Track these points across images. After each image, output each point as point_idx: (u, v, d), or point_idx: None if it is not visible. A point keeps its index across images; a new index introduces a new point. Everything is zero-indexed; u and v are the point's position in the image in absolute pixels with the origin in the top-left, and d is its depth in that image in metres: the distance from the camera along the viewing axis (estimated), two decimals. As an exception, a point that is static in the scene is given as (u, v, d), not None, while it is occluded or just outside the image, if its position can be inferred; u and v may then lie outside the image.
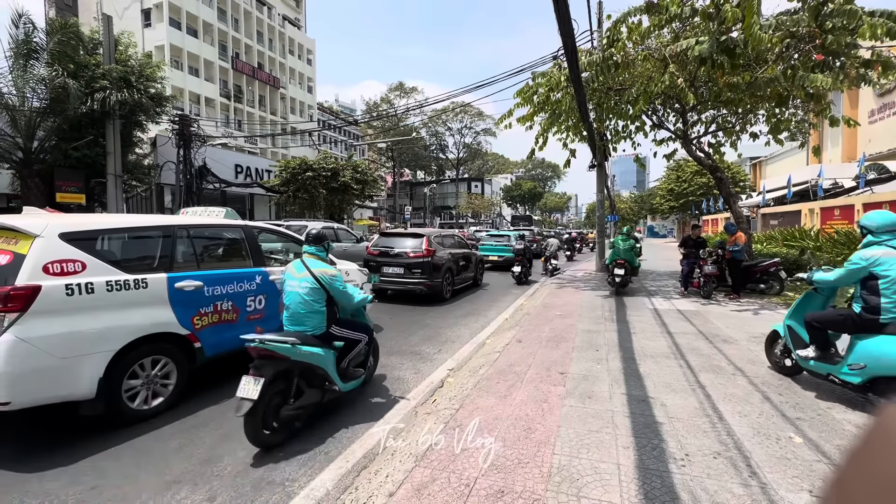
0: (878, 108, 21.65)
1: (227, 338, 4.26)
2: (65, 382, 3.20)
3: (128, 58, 15.78)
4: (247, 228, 4.96)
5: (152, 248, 4.00)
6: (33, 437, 3.43)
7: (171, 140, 19.90)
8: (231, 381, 3.94)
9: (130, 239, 4.00)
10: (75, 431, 3.45)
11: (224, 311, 4.30)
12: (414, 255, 9.18)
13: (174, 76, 29.96)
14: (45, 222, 3.37)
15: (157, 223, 4.23)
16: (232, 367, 4.45)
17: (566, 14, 6.12)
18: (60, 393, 3.20)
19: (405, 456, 2.96)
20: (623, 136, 12.40)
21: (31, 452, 3.19)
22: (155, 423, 3.58)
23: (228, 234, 4.91)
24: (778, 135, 10.51)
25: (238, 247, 4.83)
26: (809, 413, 3.53)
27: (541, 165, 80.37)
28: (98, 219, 4.08)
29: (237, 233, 4.87)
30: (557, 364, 4.83)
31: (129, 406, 3.56)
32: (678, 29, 9.38)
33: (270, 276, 4.82)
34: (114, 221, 3.97)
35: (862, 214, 14.03)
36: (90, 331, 3.32)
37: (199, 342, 4.06)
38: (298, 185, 22.45)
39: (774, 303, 8.58)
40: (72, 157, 15.20)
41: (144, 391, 3.67)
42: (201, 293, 4.10)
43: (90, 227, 3.62)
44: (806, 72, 7.57)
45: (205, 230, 4.67)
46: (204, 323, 4.11)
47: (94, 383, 3.31)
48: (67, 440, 3.34)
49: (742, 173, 35.73)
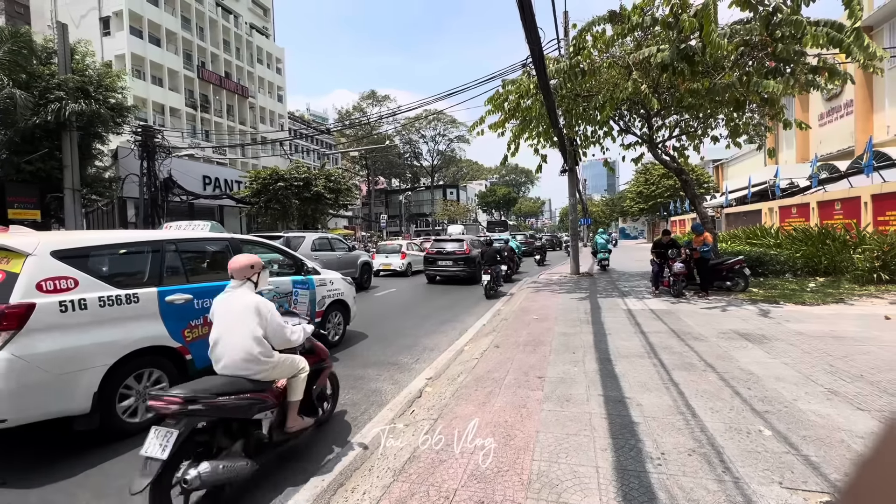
0: (827, 111, 22.99)
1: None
2: (61, 398, 3.22)
3: (85, 67, 15.18)
4: (233, 241, 5.02)
5: (142, 262, 4.04)
6: (31, 453, 3.42)
7: (134, 152, 19.18)
8: None
9: (120, 254, 4.00)
10: (72, 446, 3.43)
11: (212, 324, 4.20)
12: (459, 252, 13.98)
13: (136, 86, 28.96)
14: (37, 240, 3.39)
15: (145, 238, 4.25)
16: None
17: (532, 23, 6.24)
18: (57, 409, 3.22)
19: (383, 471, 2.89)
20: (592, 141, 12.70)
21: (30, 468, 3.19)
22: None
23: (215, 247, 4.93)
24: (737, 138, 11.00)
25: (225, 259, 4.70)
26: (777, 406, 3.65)
27: (514, 171, 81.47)
28: (88, 235, 4.05)
29: (223, 245, 4.91)
30: (535, 368, 4.85)
31: (122, 420, 3.56)
32: (640, 38, 9.72)
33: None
34: (104, 238, 3.94)
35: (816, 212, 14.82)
36: (84, 346, 3.34)
37: (190, 354, 4.09)
38: (270, 196, 22.02)
39: (741, 299, 8.91)
40: (25, 171, 14.45)
41: (136, 404, 3.66)
42: (191, 306, 4.15)
43: (81, 244, 3.63)
44: (760, 78, 7.96)
45: (192, 244, 4.75)
46: (194, 335, 4.13)
47: (90, 398, 3.32)
48: (64, 455, 3.33)
49: (706, 175, 37.24)
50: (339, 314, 6.53)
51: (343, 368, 5.41)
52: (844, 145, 21.08)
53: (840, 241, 11.20)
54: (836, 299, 8.39)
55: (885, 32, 18.92)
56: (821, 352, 5.13)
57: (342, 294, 6.50)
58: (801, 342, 5.58)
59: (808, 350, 5.22)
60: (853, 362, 4.70)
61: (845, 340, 5.59)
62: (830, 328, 6.26)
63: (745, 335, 6.03)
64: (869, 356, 4.90)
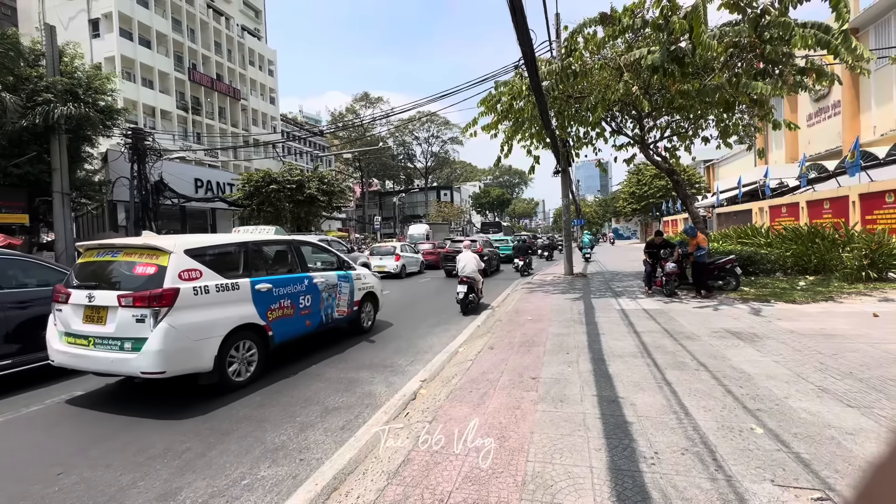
0: (815, 112, 23.30)
1: (288, 329, 5.53)
2: (196, 358, 4.34)
3: (74, 69, 15.01)
4: (293, 242, 6.27)
5: (238, 259, 5.15)
6: (174, 397, 4.62)
7: (124, 155, 18.98)
8: (291, 363, 5.70)
9: (224, 252, 5.05)
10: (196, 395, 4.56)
11: (285, 307, 5.46)
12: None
13: (126, 88, 28.71)
14: (175, 242, 4.52)
15: (238, 240, 5.33)
16: (291, 354, 6.01)
17: (524, 25, 6.27)
18: (193, 366, 4.35)
19: (377, 474, 2.87)
20: (584, 142, 12.78)
21: (175, 407, 4.36)
22: (245, 392, 4.70)
23: (282, 247, 6.06)
24: (727, 138, 11.11)
25: (289, 257, 6.00)
26: (768, 403, 3.68)
27: (508, 172, 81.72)
28: (205, 237, 5.08)
29: (287, 245, 6.10)
30: (529, 369, 4.85)
31: (230, 378, 4.66)
32: (631, 39, 9.80)
33: (314, 280, 6.04)
34: (213, 239, 5.08)
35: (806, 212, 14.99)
36: (209, 321, 4.46)
37: (272, 331, 5.20)
38: (262, 199, 21.90)
39: (732, 298, 8.99)
40: (12, 174, 14.24)
41: (239, 367, 4.78)
42: (271, 293, 5.24)
43: (202, 244, 4.78)
44: (749, 79, 8.05)
45: (267, 244, 5.87)
46: (274, 316, 5.26)
47: (212, 359, 4.44)
48: (194, 401, 4.44)
49: (697, 175, 37.56)
50: (370, 304, 7.59)
51: (336, 371, 5.39)
52: (832, 145, 21.38)
53: (829, 239, 11.35)
54: (825, 297, 8.49)
55: (871, 34, 19.23)
56: (811, 350, 5.19)
57: (372, 287, 7.56)
58: (792, 340, 5.64)
59: (799, 348, 5.27)
60: (843, 360, 4.75)
61: (835, 338, 5.66)
62: (820, 326, 6.33)
63: (736, 334, 6.08)
64: (858, 353, 4.96)
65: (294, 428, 3.79)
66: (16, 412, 4.35)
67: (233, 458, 3.27)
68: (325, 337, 6.93)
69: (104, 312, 4.24)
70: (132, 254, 4.54)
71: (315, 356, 6.06)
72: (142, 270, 4.36)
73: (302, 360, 5.84)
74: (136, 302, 4.11)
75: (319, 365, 5.65)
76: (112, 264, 4.60)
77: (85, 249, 4.82)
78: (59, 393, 4.85)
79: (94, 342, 4.23)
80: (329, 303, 6.30)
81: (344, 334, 7.16)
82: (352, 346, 6.61)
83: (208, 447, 3.48)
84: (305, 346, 6.39)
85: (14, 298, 5.15)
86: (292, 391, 4.72)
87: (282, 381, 5.07)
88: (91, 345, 4.24)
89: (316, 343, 6.61)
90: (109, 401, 4.65)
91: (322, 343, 6.68)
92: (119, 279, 4.46)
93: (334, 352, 6.25)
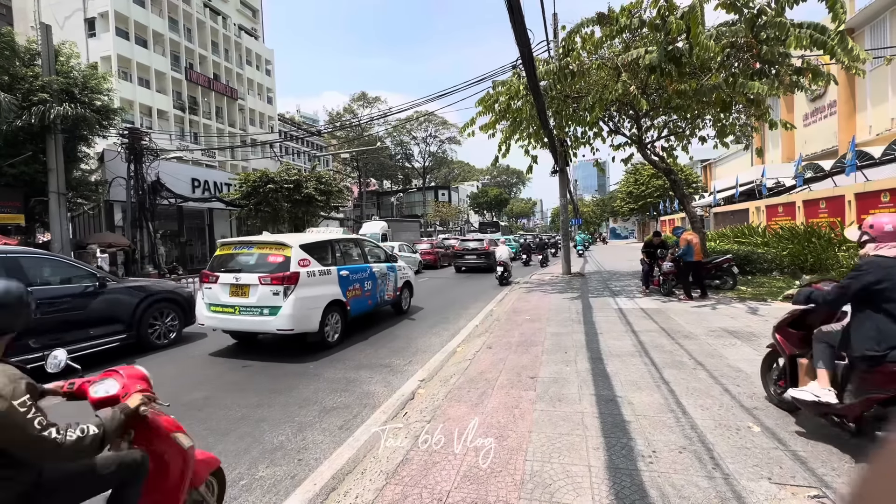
0: (811, 112, 23.42)
1: (359, 306, 7.25)
2: (309, 322, 6.01)
3: (70, 69, 14.91)
4: (357, 239, 8.37)
5: (329, 251, 6.98)
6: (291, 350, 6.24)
7: (121, 154, 18.86)
8: (361, 332, 7.47)
9: (321, 247, 6.77)
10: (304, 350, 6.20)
11: (356, 290, 7.16)
12: (480, 250, 18.36)
13: (123, 88, 28.57)
14: (293, 239, 6.43)
15: (328, 238, 7.26)
16: (360, 325, 7.81)
17: (522, 25, 6.26)
18: (307, 327, 6.01)
19: (375, 474, 2.87)
20: (582, 141, 12.78)
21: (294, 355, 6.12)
22: (336, 349, 6.35)
23: (353, 243, 8.00)
24: (724, 138, 11.14)
25: (358, 251, 7.89)
26: (765, 402, 3.70)
27: (506, 172, 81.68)
28: (309, 236, 7.20)
29: (356, 242, 8.12)
30: (527, 368, 4.86)
31: (326, 338, 6.34)
32: (629, 39, 9.81)
33: (373, 269, 7.80)
34: (314, 237, 6.93)
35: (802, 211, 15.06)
36: (315, 296, 6.16)
37: (349, 307, 6.88)
38: (260, 199, 21.81)
39: (729, 297, 9.02)
40: (8, 174, 14.15)
41: (330, 330, 6.44)
42: (349, 278, 6.98)
43: (309, 241, 6.58)
44: (745, 79, 8.07)
45: (344, 241, 7.81)
46: (351, 295, 6.94)
47: (318, 323, 6.11)
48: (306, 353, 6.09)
49: (694, 175, 37.66)
50: (408, 291, 9.33)
51: (335, 371, 5.38)
52: (828, 145, 21.48)
53: (825, 239, 11.40)
54: (821, 296, 8.51)
55: (867, 34, 19.33)
56: (807, 348, 5.21)
57: (409, 277, 9.37)
58: (789, 339, 5.65)
59: (796, 347, 5.29)
60: (839, 358, 4.77)
61: (831, 337, 5.68)
62: (817, 325, 6.35)
63: (733, 333, 6.11)
64: (854, 352, 4.98)
65: (292, 428, 3.79)
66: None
67: (231, 459, 3.26)
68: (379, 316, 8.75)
69: (247, 289, 5.96)
70: (263, 248, 6.29)
71: (315, 356, 6.06)
72: (273, 259, 6.09)
73: (302, 361, 5.84)
74: (273, 281, 5.85)
75: (318, 365, 5.65)
76: (249, 255, 6.31)
77: (221, 245, 6.64)
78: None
79: (239, 310, 5.98)
80: (382, 287, 8.02)
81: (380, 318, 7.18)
82: (348, 345, 6.60)
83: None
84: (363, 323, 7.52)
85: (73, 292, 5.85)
86: (290, 391, 4.71)
87: (288, 380, 5.08)
88: (237, 312, 6.00)
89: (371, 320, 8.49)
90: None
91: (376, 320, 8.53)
92: (256, 265, 6.14)
93: (336, 350, 6.25)
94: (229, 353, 6.37)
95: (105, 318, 6.00)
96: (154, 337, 6.63)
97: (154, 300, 6.67)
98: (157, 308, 6.73)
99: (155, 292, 6.78)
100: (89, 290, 5.89)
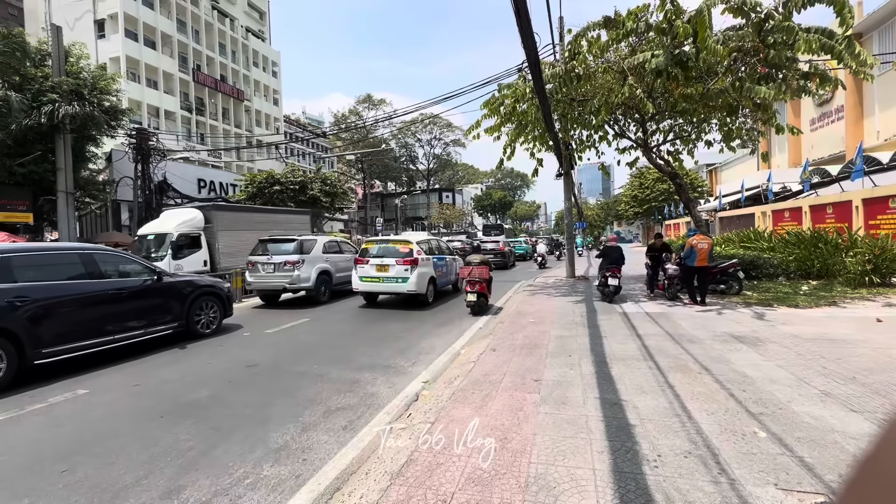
0: (818, 116, 23.27)
1: (440, 283, 11.00)
2: (423, 287, 9.90)
3: (79, 70, 15.09)
4: (439, 238, 12.32)
5: (428, 246, 10.66)
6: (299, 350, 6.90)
7: (128, 155, 19.06)
8: (366, 333, 7.79)
9: (424, 242, 10.64)
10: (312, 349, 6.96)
11: (439, 272, 10.81)
12: (497, 248, 21.58)
13: (131, 89, 28.85)
14: (413, 237, 10.71)
15: (425, 237, 11.33)
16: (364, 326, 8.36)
17: (528, 29, 6.28)
18: (421, 290, 9.82)
19: (380, 474, 2.88)
20: (587, 145, 12.77)
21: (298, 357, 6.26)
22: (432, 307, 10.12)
23: (435, 241, 11.76)
24: (730, 142, 11.09)
25: (438, 246, 11.52)
26: (771, 408, 3.68)
27: (510, 175, 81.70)
28: (420, 235, 11.93)
29: (437, 240, 12.07)
30: (532, 371, 4.85)
31: (429, 299, 10.20)
32: (635, 43, 9.81)
33: (446, 259, 11.42)
34: (421, 236, 11.25)
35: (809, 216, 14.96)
36: (425, 272, 9.98)
37: (437, 282, 10.66)
38: (265, 199, 21.95)
39: (735, 302, 8.97)
40: (17, 173, 14.31)
41: (430, 295, 10.25)
42: (436, 264, 10.69)
43: (420, 239, 10.60)
44: (752, 83, 8.06)
45: (430, 240, 11.45)
46: (437, 274, 10.63)
47: (426, 289, 9.98)
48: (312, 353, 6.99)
49: (699, 179, 37.49)
50: (456, 276, 12.26)
51: (338, 372, 5.40)
52: (835, 150, 21.34)
53: (832, 244, 11.32)
54: (828, 302, 8.47)
55: (875, 39, 19.22)
56: (814, 354, 5.17)
57: (458, 269, 11.89)
58: (795, 345, 5.62)
59: (802, 352, 5.26)
60: (846, 364, 4.74)
61: (838, 343, 5.64)
62: (823, 331, 6.31)
63: (739, 338, 6.07)
64: (861, 358, 4.94)
65: (297, 428, 3.80)
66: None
67: (236, 458, 3.28)
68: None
69: (387, 267, 9.72)
70: (396, 243, 10.27)
71: (315, 356, 6.07)
72: (403, 249, 9.91)
73: (304, 361, 5.86)
74: (404, 262, 9.65)
75: (322, 365, 5.66)
76: (387, 246, 10.19)
77: (366, 241, 10.92)
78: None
79: (382, 280, 9.77)
80: (449, 272, 11.66)
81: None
82: (352, 346, 6.62)
83: (211, 446, 3.49)
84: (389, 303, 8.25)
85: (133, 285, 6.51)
86: (295, 391, 4.73)
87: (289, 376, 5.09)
88: (381, 281, 9.81)
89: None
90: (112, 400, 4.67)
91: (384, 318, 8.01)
92: (393, 252, 9.90)
93: (339, 348, 6.27)
94: (237, 351, 6.41)
95: (162, 307, 6.77)
96: (199, 327, 7.34)
97: (200, 293, 7.35)
98: (203, 300, 7.42)
99: (201, 286, 7.46)
100: (148, 284, 6.59)
